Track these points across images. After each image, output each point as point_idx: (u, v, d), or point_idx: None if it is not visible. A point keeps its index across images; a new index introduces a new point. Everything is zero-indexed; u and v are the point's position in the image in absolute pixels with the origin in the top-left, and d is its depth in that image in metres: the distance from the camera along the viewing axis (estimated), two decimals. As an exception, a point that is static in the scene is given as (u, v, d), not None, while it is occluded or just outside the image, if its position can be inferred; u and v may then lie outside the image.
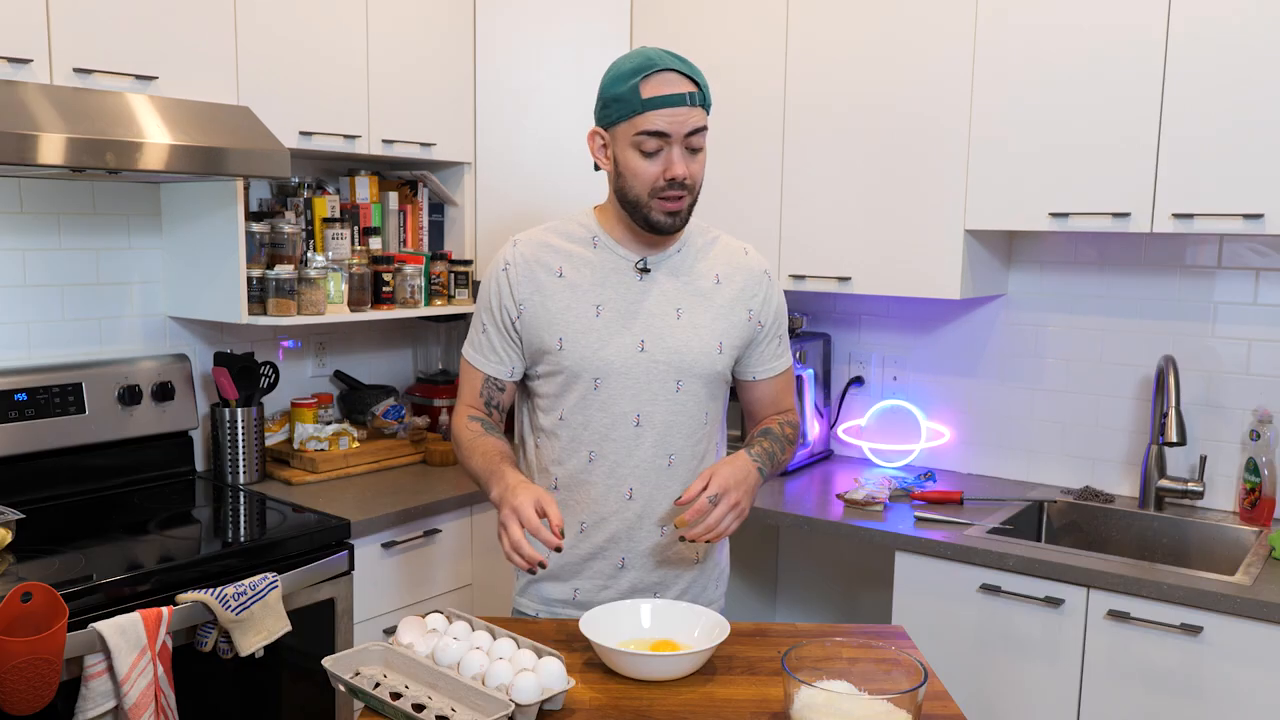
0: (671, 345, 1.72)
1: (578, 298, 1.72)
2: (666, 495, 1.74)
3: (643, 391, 1.71)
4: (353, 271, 2.74)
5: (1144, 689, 2.11)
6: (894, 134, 2.63)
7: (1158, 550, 2.52)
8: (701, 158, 1.68)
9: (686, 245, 1.78)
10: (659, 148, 1.63)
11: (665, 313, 1.73)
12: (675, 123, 1.61)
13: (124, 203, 2.58)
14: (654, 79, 1.61)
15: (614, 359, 1.70)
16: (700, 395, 1.75)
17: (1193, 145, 2.25)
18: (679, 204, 1.67)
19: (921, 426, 2.98)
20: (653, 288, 1.74)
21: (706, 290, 1.76)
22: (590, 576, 1.76)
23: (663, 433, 1.73)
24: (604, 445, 1.72)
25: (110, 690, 1.83)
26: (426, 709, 1.33)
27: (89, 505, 2.41)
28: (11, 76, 2.04)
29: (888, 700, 1.26)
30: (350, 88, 2.66)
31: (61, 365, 2.44)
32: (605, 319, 1.71)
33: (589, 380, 1.70)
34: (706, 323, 1.75)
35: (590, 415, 1.72)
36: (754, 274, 1.82)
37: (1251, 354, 2.52)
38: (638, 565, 1.76)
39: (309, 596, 2.22)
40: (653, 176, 1.64)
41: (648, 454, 1.73)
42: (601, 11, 3.00)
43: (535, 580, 1.80)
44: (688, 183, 1.65)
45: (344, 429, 2.81)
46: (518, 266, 1.74)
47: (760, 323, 1.81)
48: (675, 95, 1.61)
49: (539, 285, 1.73)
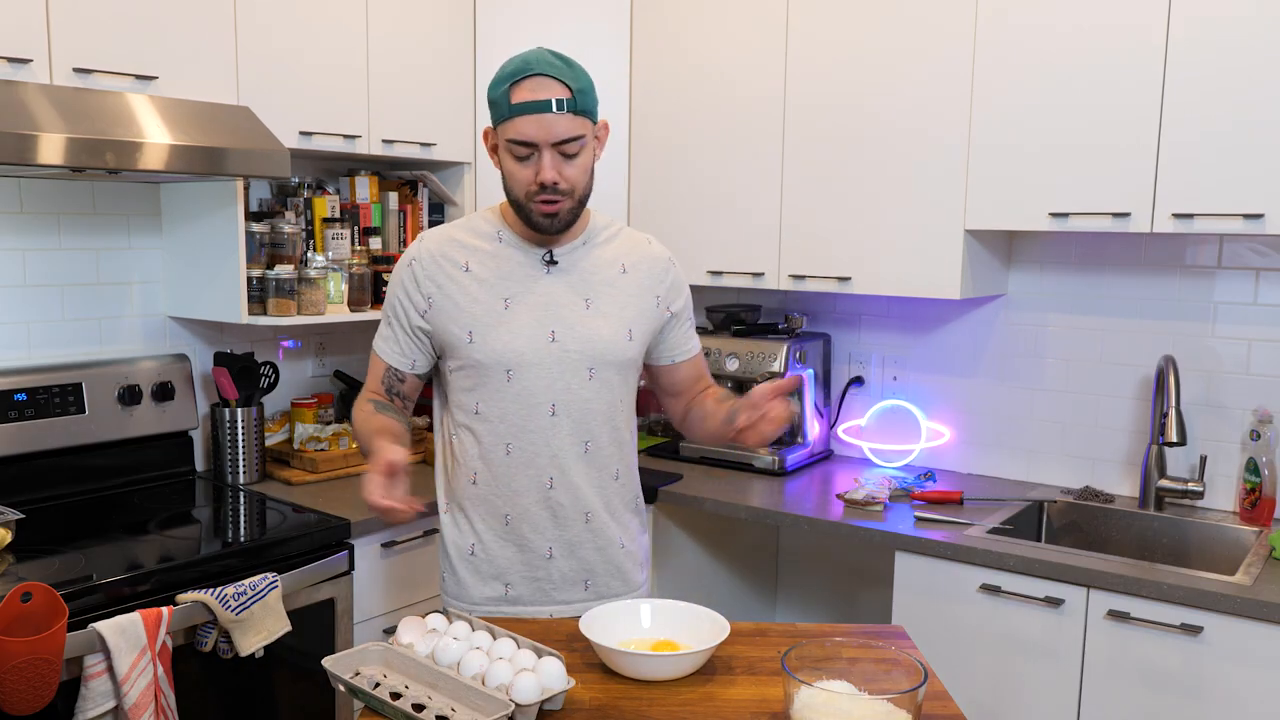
0: (582, 334, 1.75)
1: (485, 291, 1.74)
2: (586, 482, 1.79)
3: (556, 381, 1.74)
4: (353, 271, 2.74)
5: (1144, 689, 2.11)
6: (894, 134, 2.63)
7: (1158, 550, 2.52)
8: (581, 162, 1.67)
9: (591, 238, 1.81)
10: (529, 153, 1.64)
11: (574, 303, 1.76)
12: (542, 129, 1.61)
13: (124, 203, 2.58)
14: (525, 84, 1.61)
15: (525, 350, 1.73)
16: (613, 382, 1.79)
17: (1193, 145, 2.25)
18: (555, 207, 1.68)
19: (921, 426, 2.98)
20: (560, 279, 1.76)
21: (613, 279, 1.80)
22: (520, 569, 1.80)
23: (579, 420, 1.76)
24: (521, 436, 1.75)
25: (110, 690, 1.83)
26: (426, 709, 1.33)
27: (89, 505, 2.41)
28: (11, 76, 2.04)
29: (888, 700, 1.26)
30: (350, 88, 2.66)
31: (61, 365, 2.44)
32: (514, 311, 1.73)
33: (501, 372, 1.73)
34: (615, 311, 1.78)
35: (506, 407, 1.74)
36: (659, 262, 1.86)
37: (1251, 354, 2.52)
38: (565, 554, 1.79)
39: (309, 596, 2.22)
40: (526, 181, 1.67)
41: (565, 442, 1.76)
42: (601, 11, 3.00)
43: (460, 583, 1.83)
44: (561, 187, 1.66)
45: (344, 429, 2.81)
46: (423, 262, 1.76)
47: (669, 309, 1.86)
48: (541, 102, 1.60)
49: (446, 279, 1.75)
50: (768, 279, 2.87)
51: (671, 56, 2.97)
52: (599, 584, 1.83)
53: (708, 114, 2.92)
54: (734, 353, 2.92)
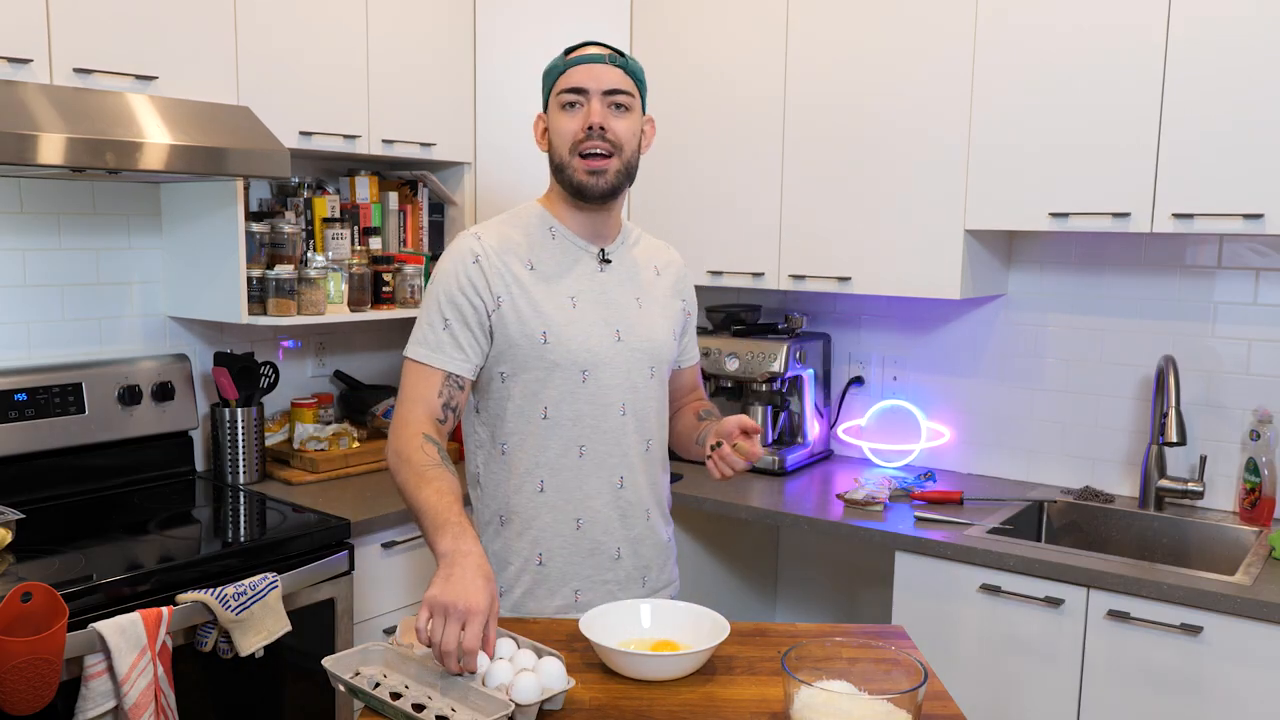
0: (643, 334, 1.76)
1: (551, 289, 1.71)
2: (647, 480, 1.80)
3: (625, 380, 1.74)
4: (353, 271, 2.74)
5: (1144, 689, 2.11)
6: (894, 134, 2.63)
7: (1158, 550, 2.52)
8: (629, 120, 1.69)
9: (625, 239, 1.82)
10: (578, 102, 1.68)
11: (629, 302, 1.77)
12: (592, 77, 1.67)
13: (124, 203, 2.58)
14: (580, 49, 1.71)
15: (598, 349, 1.72)
16: (664, 380, 1.83)
17: (1193, 145, 2.25)
18: (601, 163, 1.67)
19: (921, 426, 2.98)
20: (613, 277, 1.77)
21: (651, 281, 1.82)
22: (589, 572, 1.77)
23: (642, 419, 1.77)
24: (594, 437, 1.73)
25: (110, 690, 1.83)
26: (426, 709, 1.33)
27: (89, 505, 2.41)
28: (11, 76, 2.04)
29: (888, 700, 1.26)
30: (350, 88, 2.66)
31: (61, 365, 2.44)
32: (581, 309, 1.72)
33: (576, 373, 1.70)
34: (660, 310, 1.81)
35: (580, 408, 1.72)
36: (679, 266, 1.91)
37: (1251, 354, 2.52)
38: (630, 553, 1.79)
39: (309, 596, 2.22)
40: (573, 131, 1.68)
41: (632, 440, 1.76)
42: (601, 11, 3.00)
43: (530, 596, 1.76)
44: (609, 136, 1.66)
45: (344, 429, 2.81)
46: (490, 258, 1.68)
47: (688, 313, 1.91)
48: (593, 55, 1.69)
49: (515, 277, 1.69)
50: (768, 279, 2.87)
51: (671, 56, 2.97)
52: (653, 579, 1.84)
53: (708, 114, 2.92)
54: (734, 353, 2.92)
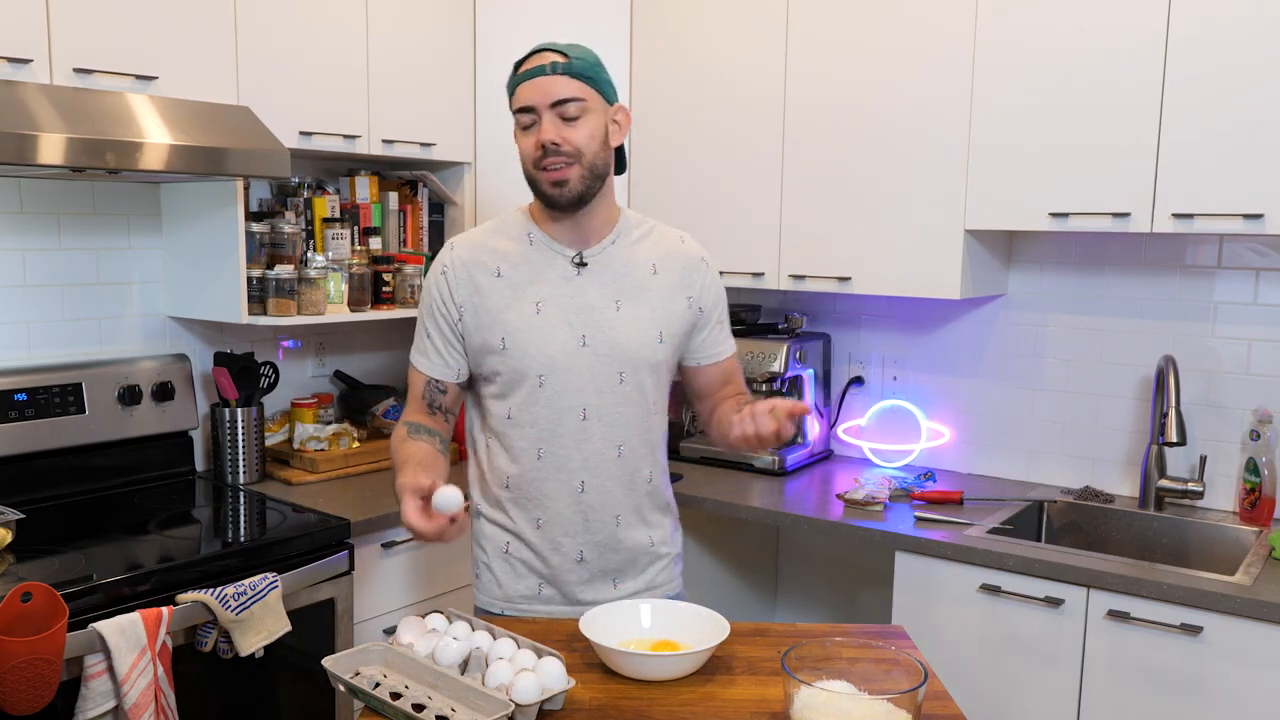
0: (612, 338, 1.74)
1: (517, 295, 1.74)
2: (619, 486, 1.78)
3: (587, 385, 1.74)
4: (353, 271, 2.74)
5: (1144, 689, 2.11)
6: (894, 134, 2.63)
7: (1158, 550, 2.52)
8: (585, 129, 1.68)
9: (621, 237, 1.80)
10: (532, 121, 1.68)
11: (604, 305, 1.75)
12: (537, 92, 1.67)
13: (124, 203, 2.58)
14: (526, 62, 1.70)
15: (557, 355, 1.72)
16: (646, 385, 1.78)
17: (1193, 145, 2.25)
18: (560, 173, 1.68)
19: (921, 426, 2.98)
20: (590, 281, 1.76)
21: (644, 280, 1.79)
22: (549, 572, 1.79)
23: (610, 425, 1.76)
24: (552, 441, 1.74)
25: (110, 690, 1.83)
26: (426, 709, 1.33)
27: (89, 505, 2.41)
28: (11, 76, 2.04)
29: (888, 700, 1.26)
30: (350, 88, 2.66)
31: (61, 365, 2.44)
32: (545, 315, 1.73)
33: (534, 378, 1.73)
34: (646, 314, 1.77)
35: (538, 412, 1.74)
36: (691, 260, 1.85)
37: (1251, 354, 2.52)
38: (595, 557, 1.79)
39: (309, 596, 2.22)
40: (530, 148, 1.69)
41: (597, 446, 1.75)
42: (601, 12, 3.00)
43: (497, 580, 1.83)
44: (563, 148, 1.66)
45: (344, 429, 2.81)
46: (454, 269, 1.77)
47: (701, 309, 1.85)
48: (536, 68, 1.67)
49: (477, 287, 1.75)
50: (768, 279, 2.87)
51: (671, 56, 2.97)
52: (628, 583, 1.83)
53: (708, 114, 2.92)
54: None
